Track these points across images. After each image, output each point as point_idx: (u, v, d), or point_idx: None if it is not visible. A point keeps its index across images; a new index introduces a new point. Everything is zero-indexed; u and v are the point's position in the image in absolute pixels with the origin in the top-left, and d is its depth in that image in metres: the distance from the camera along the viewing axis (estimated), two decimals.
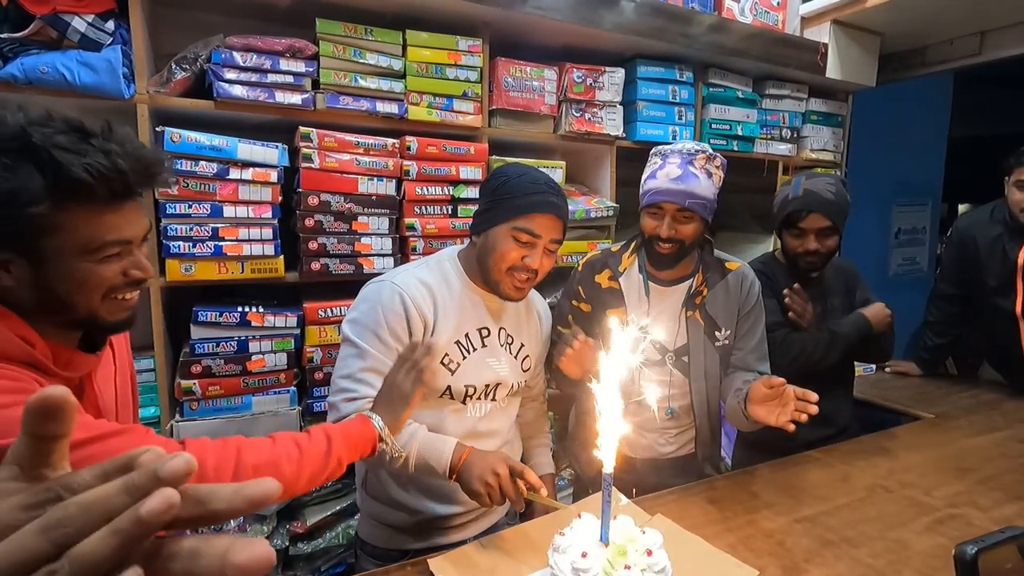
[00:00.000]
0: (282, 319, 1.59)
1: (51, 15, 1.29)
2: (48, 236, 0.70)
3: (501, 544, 1.07)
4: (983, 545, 0.42)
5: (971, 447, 1.60)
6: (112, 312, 0.78)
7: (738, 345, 1.46)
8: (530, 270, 1.17)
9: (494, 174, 1.22)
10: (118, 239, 0.74)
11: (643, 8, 1.92)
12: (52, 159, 0.66)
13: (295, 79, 1.54)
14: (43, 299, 0.73)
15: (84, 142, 0.69)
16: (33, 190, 0.66)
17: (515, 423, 1.39)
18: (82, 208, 0.70)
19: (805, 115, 2.49)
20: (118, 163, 0.70)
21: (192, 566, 0.25)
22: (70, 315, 0.76)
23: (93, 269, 0.74)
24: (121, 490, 0.25)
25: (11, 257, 0.70)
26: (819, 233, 1.59)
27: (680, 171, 1.30)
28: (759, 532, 1.15)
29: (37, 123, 0.68)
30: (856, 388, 1.98)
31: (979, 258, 2.06)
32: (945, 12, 2.26)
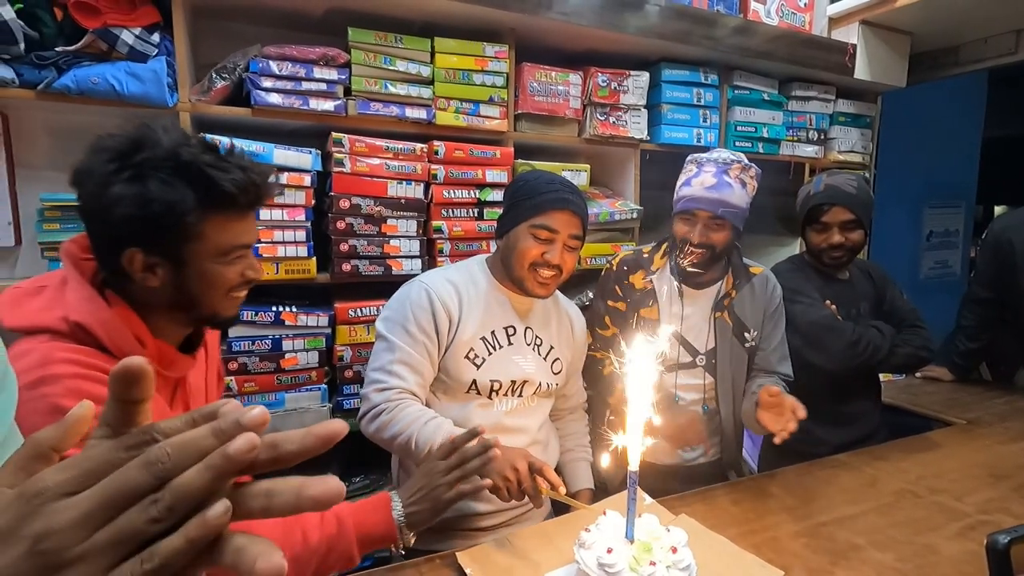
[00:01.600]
0: (314, 319, 1.64)
1: (102, 29, 1.36)
2: (192, 242, 0.79)
3: (522, 542, 1.09)
4: (1016, 535, 0.43)
5: (1005, 454, 1.56)
6: (228, 308, 0.89)
7: (762, 346, 1.48)
8: (552, 265, 1.20)
9: (514, 180, 1.29)
10: (244, 243, 0.85)
11: (667, 12, 1.93)
12: (204, 175, 0.77)
13: (328, 86, 1.60)
14: (177, 298, 0.83)
15: (224, 160, 0.79)
16: (187, 202, 0.76)
17: (550, 428, 1.40)
18: (221, 216, 0.81)
19: (833, 116, 2.46)
20: (253, 177, 0.81)
21: (269, 503, 0.28)
22: (196, 311, 0.86)
23: (222, 271, 0.84)
24: (209, 434, 0.28)
25: (159, 261, 0.79)
26: (842, 226, 1.59)
27: (715, 180, 1.33)
28: (784, 534, 1.15)
29: (184, 143, 0.77)
30: (886, 393, 1.96)
31: (1015, 261, 2.01)
32: (979, 10, 2.21)
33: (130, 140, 0.76)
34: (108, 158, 0.76)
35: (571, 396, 1.46)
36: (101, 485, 0.27)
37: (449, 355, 1.22)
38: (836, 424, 1.67)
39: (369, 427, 1.19)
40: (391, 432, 1.15)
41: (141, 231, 0.76)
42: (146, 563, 0.26)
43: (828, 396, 1.65)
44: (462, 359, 1.22)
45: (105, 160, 0.76)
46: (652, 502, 1.22)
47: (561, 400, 1.44)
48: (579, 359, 1.44)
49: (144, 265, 0.79)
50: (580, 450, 1.45)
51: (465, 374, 1.23)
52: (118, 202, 0.74)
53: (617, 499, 1.21)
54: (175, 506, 0.27)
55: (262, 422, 0.29)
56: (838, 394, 1.67)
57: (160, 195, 0.75)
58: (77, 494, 0.27)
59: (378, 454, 1.66)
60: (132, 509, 0.26)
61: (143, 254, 0.78)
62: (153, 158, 0.75)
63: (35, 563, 0.25)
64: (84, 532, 0.26)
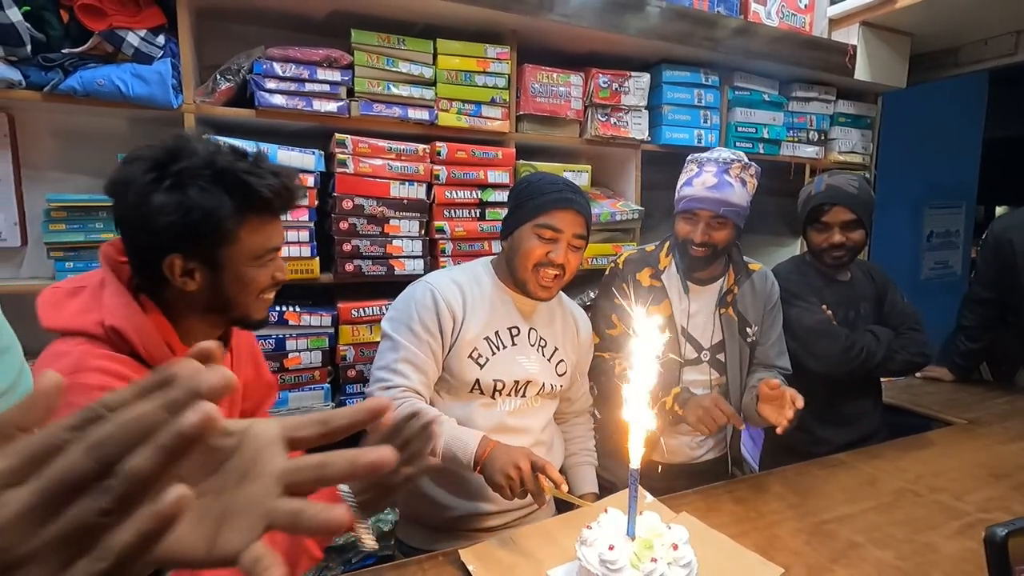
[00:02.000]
0: (317, 318, 1.65)
1: (108, 31, 1.37)
2: (228, 246, 0.83)
3: (524, 540, 1.10)
4: (1013, 528, 0.44)
5: (1005, 453, 1.57)
6: (259, 310, 0.92)
7: (761, 340, 1.51)
8: (556, 265, 1.21)
9: (517, 182, 1.30)
10: (275, 246, 0.89)
11: (668, 13, 1.94)
12: (241, 181, 0.80)
13: (331, 88, 1.61)
14: (212, 300, 0.86)
15: (257, 166, 0.82)
16: (226, 207, 0.80)
17: (555, 430, 1.41)
18: (256, 220, 0.84)
19: (833, 117, 2.47)
20: (285, 182, 0.85)
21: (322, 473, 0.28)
22: (230, 313, 0.89)
23: (255, 273, 0.87)
24: (160, 407, 0.25)
25: (197, 266, 0.83)
26: (843, 226, 1.60)
27: (716, 179, 1.35)
28: (785, 532, 1.16)
29: (217, 152, 0.81)
30: (887, 394, 1.96)
31: (1016, 261, 2.01)
32: (979, 12, 2.22)
33: (166, 150, 0.79)
34: (146, 168, 0.78)
35: (576, 400, 1.47)
36: (44, 475, 0.24)
37: (453, 354, 1.23)
38: (837, 424, 1.68)
39: None
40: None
41: (182, 237, 0.79)
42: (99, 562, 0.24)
43: (829, 397, 1.66)
44: (465, 358, 1.23)
45: (143, 170, 0.78)
46: (653, 500, 1.22)
47: (566, 403, 1.45)
48: (584, 362, 1.45)
49: (183, 270, 0.82)
50: (584, 454, 1.46)
51: (468, 373, 1.23)
52: (160, 210, 0.77)
53: (618, 497, 1.22)
54: (127, 494, 0.24)
55: (222, 387, 0.26)
56: (839, 395, 1.68)
57: (200, 202, 0.78)
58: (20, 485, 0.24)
59: None
60: (82, 500, 0.24)
61: (182, 259, 0.81)
62: (191, 167, 0.78)
63: None
64: (31, 528, 0.23)
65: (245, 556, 0.28)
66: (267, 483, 0.31)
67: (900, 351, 1.65)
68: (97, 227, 1.47)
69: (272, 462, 0.32)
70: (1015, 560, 0.43)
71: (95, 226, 1.47)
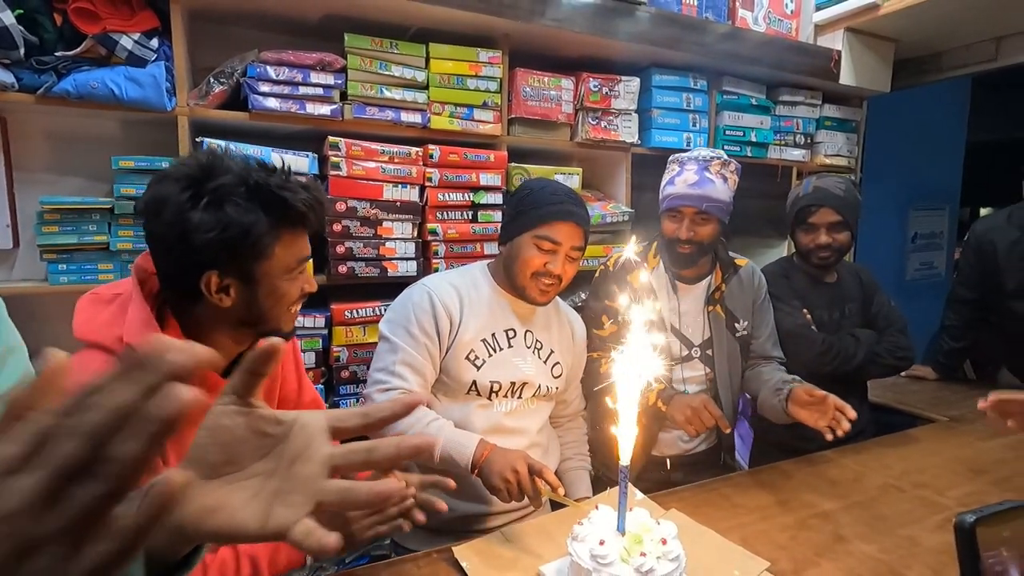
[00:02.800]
0: (310, 320, 1.66)
1: (101, 34, 1.38)
2: (264, 260, 0.84)
3: (521, 536, 1.12)
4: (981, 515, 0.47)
5: (985, 449, 1.61)
6: (288, 323, 0.93)
7: (756, 334, 1.56)
8: (553, 275, 1.23)
9: (520, 187, 1.30)
10: (304, 257, 0.90)
11: (657, 18, 1.97)
12: (277, 197, 0.81)
13: (324, 91, 1.62)
14: (246, 315, 0.87)
15: (288, 180, 0.84)
16: (262, 223, 0.81)
17: (551, 432, 1.43)
18: (289, 234, 0.85)
19: (819, 121, 2.51)
20: (317, 196, 0.87)
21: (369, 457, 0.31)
22: (262, 327, 0.90)
23: (288, 286, 0.89)
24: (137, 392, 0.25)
25: (233, 281, 0.84)
26: (830, 227, 1.64)
27: (697, 177, 1.38)
28: (772, 527, 1.18)
29: (250, 168, 0.82)
30: (872, 392, 2.00)
31: (997, 262, 2.06)
32: (960, 19, 2.27)
33: (199, 167, 0.80)
34: (182, 187, 0.79)
35: (570, 403, 1.49)
36: (47, 462, 0.25)
37: (450, 356, 1.25)
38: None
39: None
40: (393, 433, 1.17)
41: (220, 254, 0.80)
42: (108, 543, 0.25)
43: None
44: (462, 360, 1.25)
45: (179, 189, 0.79)
46: (643, 497, 1.25)
47: (561, 406, 1.47)
48: (579, 365, 1.47)
49: (219, 286, 0.83)
50: (579, 459, 1.48)
51: (465, 375, 1.25)
52: (199, 228, 0.77)
53: (609, 494, 1.24)
54: (122, 476, 0.25)
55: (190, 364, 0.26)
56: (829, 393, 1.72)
57: (238, 218, 0.79)
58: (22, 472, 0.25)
59: None
60: (84, 485, 0.25)
61: (219, 276, 0.82)
62: (226, 184, 0.79)
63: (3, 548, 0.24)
64: (40, 513, 0.24)
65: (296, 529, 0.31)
66: (316, 466, 0.35)
67: (884, 354, 1.69)
68: (90, 229, 1.47)
69: (320, 448, 0.36)
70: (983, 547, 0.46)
71: (88, 228, 1.47)
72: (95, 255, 1.49)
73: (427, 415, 1.19)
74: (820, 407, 1.30)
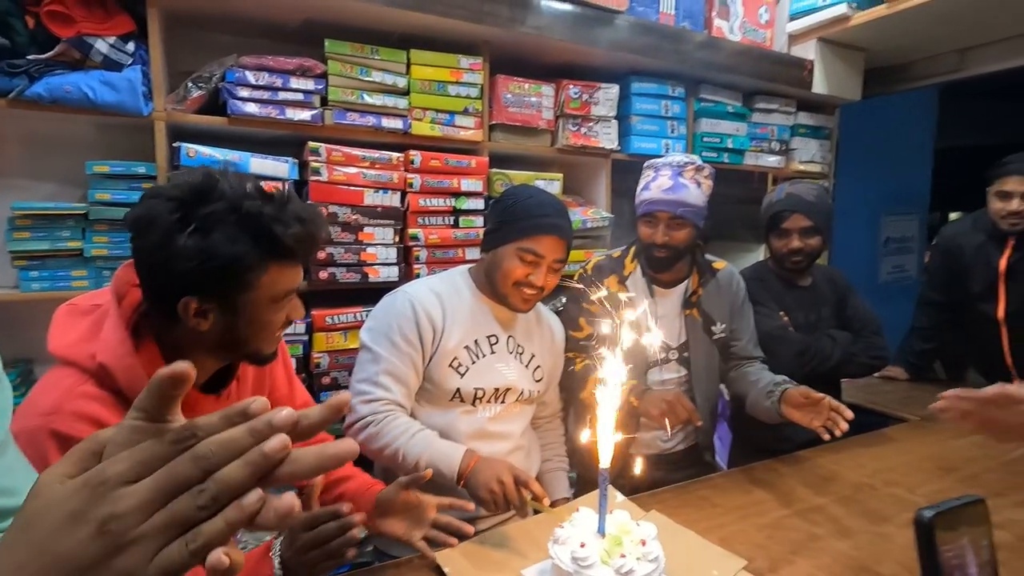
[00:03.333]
0: (291, 325, 1.64)
1: (76, 38, 1.36)
2: (249, 291, 0.81)
3: (504, 539, 1.13)
4: (939, 510, 0.49)
5: (954, 447, 1.65)
6: (271, 346, 0.90)
7: (736, 336, 1.58)
8: (535, 286, 1.24)
9: (505, 195, 1.29)
10: (293, 289, 0.87)
11: (636, 27, 2.01)
12: (267, 229, 0.78)
13: (305, 96, 1.62)
14: (224, 340, 0.84)
15: (283, 210, 0.80)
16: (250, 256, 0.78)
17: (532, 434, 1.44)
18: (277, 266, 0.82)
19: (793, 128, 2.57)
20: (311, 229, 0.83)
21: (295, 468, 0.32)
22: (240, 351, 0.87)
23: (271, 316, 0.86)
24: (247, 433, 0.32)
25: (212, 308, 0.81)
26: (802, 232, 1.68)
27: (671, 182, 1.40)
28: (750, 527, 1.20)
29: (244, 195, 0.79)
30: (845, 392, 2.05)
31: (964, 265, 2.13)
32: (926, 30, 2.35)
33: (193, 189, 0.77)
34: (171, 208, 0.76)
35: (549, 404, 1.50)
36: (155, 476, 0.30)
37: (433, 364, 1.24)
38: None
39: (357, 437, 1.20)
40: (379, 444, 1.17)
41: (201, 282, 0.77)
42: (191, 543, 0.30)
43: None
44: (446, 368, 1.25)
45: (169, 210, 0.76)
46: (624, 499, 1.26)
47: (540, 407, 1.48)
48: (558, 366, 1.48)
49: (197, 311, 0.80)
50: (557, 460, 1.50)
51: (449, 382, 1.25)
52: (181, 255, 0.75)
53: (590, 497, 1.25)
54: (219, 495, 0.30)
55: (292, 422, 0.32)
56: None
57: (223, 249, 0.76)
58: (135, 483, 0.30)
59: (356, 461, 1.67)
60: (182, 497, 0.30)
61: (198, 301, 0.79)
62: (217, 211, 0.76)
63: (101, 543, 0.29)
64: (143, 516, 0.30)
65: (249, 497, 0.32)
66: None
67: (859, 354, 1.73)
68: (63, 235, 1.44)
69: None
70: (941, 540, 0.48)
71: (61, 234, 1.44)
72: (68, 262, 1.46)
73: (411, 426, 1.19)
74: (815, 408, 1.32)
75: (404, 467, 1.15)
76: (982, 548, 0.49)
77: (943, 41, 2.50)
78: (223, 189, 0.78)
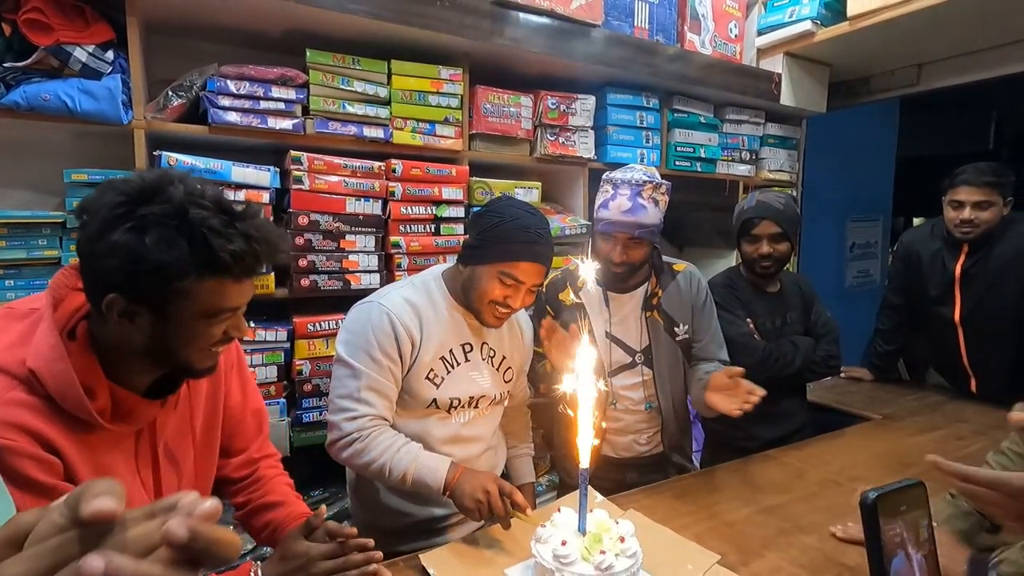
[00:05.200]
0: (272, 333, 1.65)
1: (54, 46, 1.35)
2: (180, 301, 0.78)
3: (488, 540, 1.16)
4: (882, 492, 0.53)
5: (914, 444, 1.75)
6: (203, 361, 0.87)
7: (697, 337, 1.59)
8: (511, 308, 1.26)
9: (489, 210, 1.26)
10: (233, 307, 0.83)
11: (611, 40, 2.07)
12: (205, 240, 0.74)
13: (286, 106, 1.63)
14: (152, 346, 0.81)
15: (231, 225, 0.77)
16: (183, 264, 0.74)
17: (499, 430, 1.48)
18: (214, 281, 0.78)
19: (763, 138, 2.67)
20: (255, 248, 0.79)
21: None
22: (169, 362, 0.85)
23: (205, 329, 0.82)
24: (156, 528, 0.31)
25: (140, 311, 0.78)
26: (771, 238, 1.76)
27: (630, 203, 1.42)
28: (722, 523, 1.26)
29: (195, 202, 0.75)
30: (812, 393, 2.14)
31: (922, 270, 2.23)
32: (886, 46, 2.47)
33: (141, 187, 0.75)
34: (117, 202, 0.73)
35: (516, 395, 1.52)
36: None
37: (411, 376, 1.25)
38: (768, 422, 1.82)
39: (341, 454, 1.21)
40: (364, 460, 1.18)
41: (127, 282, 0.74)
42: None
43: None
44: (423, 380, 1.26)
45: (112, 203, 0.73)
46: (603, 499, 1.30)
47: (508, 399, 1.49)
48: (527, 360, 1.50)
49: (123, 311, 0.77)
50: (523, 447, 1.56)
51: (425, 393, 1.26)
52: (112, 251, 0.72)
53: (571, 498, 1.29)
54: None
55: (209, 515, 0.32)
56: (768, 396, 1.82)
57: (155, 254, 0.73)
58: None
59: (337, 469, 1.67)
60: None
61: (125, 301, 0.76)
62: (160, 213, 0.73)
63: None
64: None
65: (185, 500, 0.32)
66: None
67: (819, 362, 1.83)
68: (40, 244, 1.43)
69: None
70: (884, 521, 0.53)
71: (38, 243, 1.43)
72: (45, 270, 1.44)
73: (397, 439, 1.20)
74: (733, 391, 1.34)
75: (390, 481, 1.18)
76: (922, 527, 0.54)
77: (901, 57, 2.63)
78: (172, 192, 0.75)
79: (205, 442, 1.01)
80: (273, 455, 1.18)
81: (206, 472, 1.03)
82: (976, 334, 2.12)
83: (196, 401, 0.98)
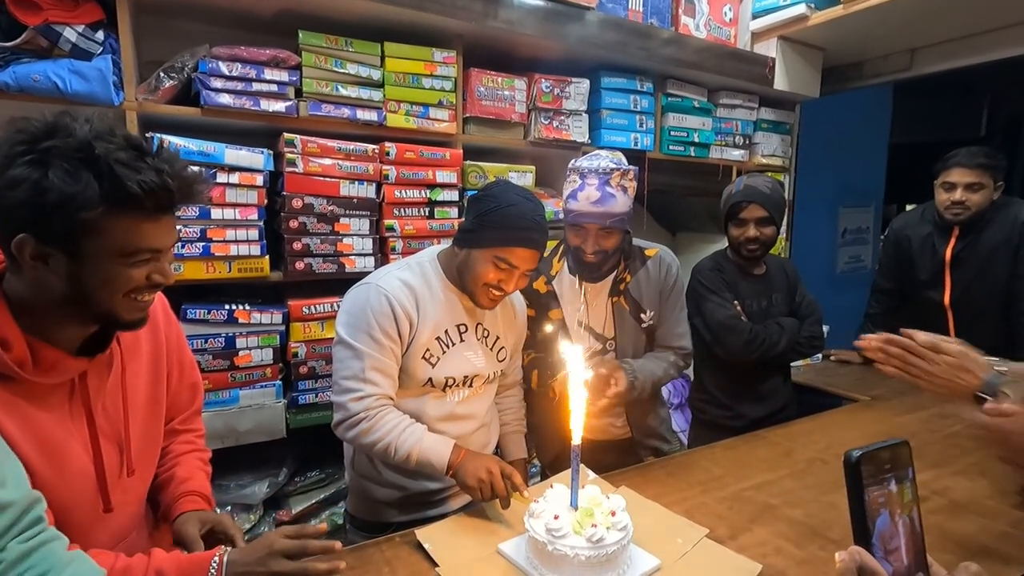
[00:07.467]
0: (267, 316, 1.66)
1: (43, 25, 1.34)
2: (91, 238, 0.75)
3: (477, 517, 1.18)
4: (866, 450, 0.55)
5: (900, 424, 1.78)
6: (129, 311, 0.83)
7: (660, 323, 1.59)
8: (504, 291, 1.28)
9: (486, 194, 1.27)
10: (151, 247, 0.80)
11: (606, 24, 2.06)
12: (111, 172, 0.73)
13: (279, 88, 1.62)
14: (70, 291, 0.78)
15: (140, 159, 0.76)
16: (89, 197, 0.72)
17: (493, 408, 1.50)
18: (127, 217, 0.76)
19: (756, 123, 2.67)
20: (167, 181, 0.77)
21: None
22: (91, 309, 0.82)
23: (123, 271, 0.79)
24: None
25: (53, 252, 0.75)
26: (758, 222, 1.78)
27: (599, 193, 1.41)
28: (711, 500, 1.29)
29: (102, 137, 0.74)
30: (802, 376, 2.17)
31: (912, 255, 2.26)
32: (878, 31, 2.47)
33: (45, 125, 0.73)
34: (20, 140, 0.72)
35: (509, 374, 1.54)
36: None
37: (408, 356, 1.27)
38: (752, 400, 1.87)
39: (347, 434, 1.23)
40: (370, 439, 1.21)
41: (34, 219, 0.72)
42: None
43: (744, 377, 1.86)
44: (420, 359, 1.28)
45: (16, 141, 0.72)
46: (595, 477, 1.33)
47: (501, 378, 1.52)
48: (520, 339, 1.52)
49: (35, 253, 0.74)
50: (516, 424, 1.58)
51: (422, 372, 1.29)
52: (13, 185, 0.71)
53: (564, 475, 1.32)
54: None
55: None
56: (751, 374, 1.87)
57: (59, 186, 0.71)
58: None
59: (333, 450, 1.70)
60: None
61: (36, 242, 0.74)
62: (62, 147, 0.72)
63: None
64: None
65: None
66: None
67: (803, 342, 1.86)
68: None
69: None
70: (867, 482, 0.55)
71: None
72: None
73: (402, 420, 1.23)
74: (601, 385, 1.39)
75: (395, 460, 1.21)
76: (906, 487, 0.56)
77: (894, 41, 2.63)
78: (74, 127, 0.73)
79: (150, 411, 0.98)
80: (197, 431, 1.13)
81: (152, 440, 1.00)
82: (965, 317, 2.16)
83: (137, 367, 0.95)
